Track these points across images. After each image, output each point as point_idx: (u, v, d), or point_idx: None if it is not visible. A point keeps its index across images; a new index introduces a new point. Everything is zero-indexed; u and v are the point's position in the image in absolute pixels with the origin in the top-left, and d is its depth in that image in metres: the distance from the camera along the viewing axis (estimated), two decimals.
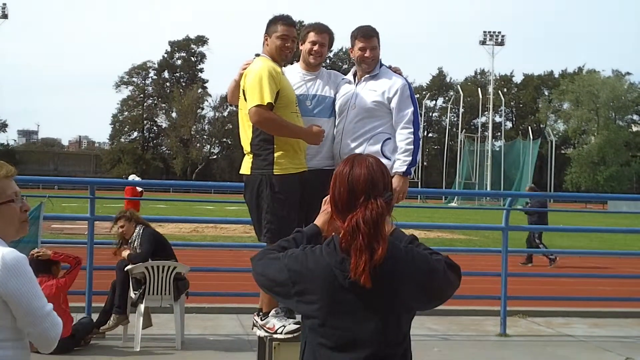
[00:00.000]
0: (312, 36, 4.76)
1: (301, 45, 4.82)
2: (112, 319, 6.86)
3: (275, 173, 4.37)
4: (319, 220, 2.50)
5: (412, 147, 4.68)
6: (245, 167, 4.53)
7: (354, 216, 2.22)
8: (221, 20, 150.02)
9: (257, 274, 2.43)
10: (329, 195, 2.40)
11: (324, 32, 4.80)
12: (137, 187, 17.61)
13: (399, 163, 4.67)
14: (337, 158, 4.68)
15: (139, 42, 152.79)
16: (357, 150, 4.54)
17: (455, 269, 2.37)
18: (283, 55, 4.56)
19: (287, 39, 4.53)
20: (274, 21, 4.58)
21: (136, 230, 7.04)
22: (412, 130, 4.71)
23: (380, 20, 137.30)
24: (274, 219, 4.34)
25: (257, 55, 4.71)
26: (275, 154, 4.39)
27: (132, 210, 7.30)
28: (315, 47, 4.75)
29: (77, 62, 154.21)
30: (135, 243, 6.98)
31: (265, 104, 4.30)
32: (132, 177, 23.14)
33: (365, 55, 4.77)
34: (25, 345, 2.54)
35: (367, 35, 4.80)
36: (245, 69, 4.56)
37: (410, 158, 4.67)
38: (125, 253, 6.97)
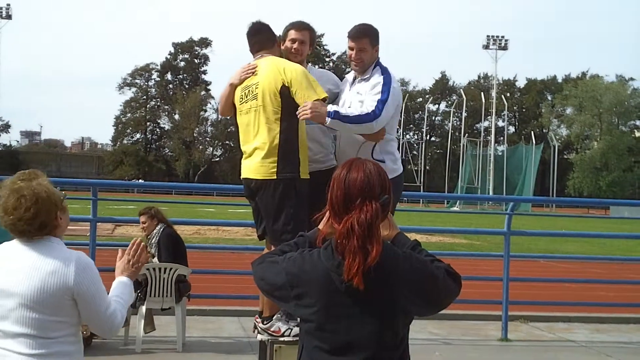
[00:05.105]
0: (292, 34, 4.61)
1: (282, 44, 4.65)
2: None
3: (302, 177, 4.30)
4: (322, 224, 2.50)
5: (357, 117, 4.18)
6: (265, 170, 4.29)
7: (349, 218, 2.23)
8: (225, 23, 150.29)
9: (257, 278, 2.45)
10: None
11: (305, 30, 4.64)
12: None
13: (339, 109, 4.24)
14: (338, 163, 4.51)
15: (142, 43, 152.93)
16: (352, 155, 4.39)
17: (456, 277, 2.37)
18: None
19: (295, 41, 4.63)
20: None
21: (156, 229, 7.08)
22: (374, 109, 4.20)
23: (384, 24, 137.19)
24: (296, 222, 4.19)
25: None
26: (300, 157, 4.30)
27: (157, 208, 7.28)
28: (295, 45, 4.59)
29: (80, 63, 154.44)
30: (153, 240, 7.04)
31: (322, 98, 4.21)
32: None
33: (353, 56, 4.47)
34: (81, 339, 2.79)
35: (353, 35, 4.43)
36: (246, 72, 4.42)
37: (346, 115, 4.18)
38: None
